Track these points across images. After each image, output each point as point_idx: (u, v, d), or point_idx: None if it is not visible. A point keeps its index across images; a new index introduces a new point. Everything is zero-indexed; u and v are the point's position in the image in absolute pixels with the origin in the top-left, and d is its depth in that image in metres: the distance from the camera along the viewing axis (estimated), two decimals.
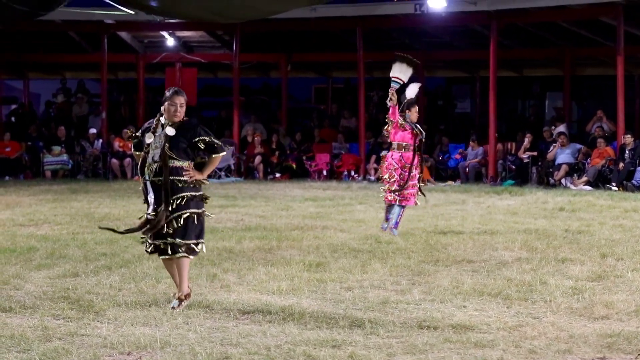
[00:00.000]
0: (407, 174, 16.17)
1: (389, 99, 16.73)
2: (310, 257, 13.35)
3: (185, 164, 10.28)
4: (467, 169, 28.27)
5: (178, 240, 10.17)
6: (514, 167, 27.77)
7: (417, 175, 16.51)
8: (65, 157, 30.27)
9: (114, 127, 32.15)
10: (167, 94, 10.71)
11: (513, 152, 28.41)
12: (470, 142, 29.10)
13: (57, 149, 30.39)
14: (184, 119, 10.55)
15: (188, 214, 10.22)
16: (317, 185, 27.10)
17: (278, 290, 11.14)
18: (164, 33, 32.21)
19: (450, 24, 29.57)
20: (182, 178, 10.22)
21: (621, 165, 25.20)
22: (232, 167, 30.40)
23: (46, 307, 10.21)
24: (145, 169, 10.51)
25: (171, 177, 10.19)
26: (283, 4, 24.82)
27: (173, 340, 8.68)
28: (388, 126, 16.86)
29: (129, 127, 31.65)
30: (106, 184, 27.60)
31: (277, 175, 29.85)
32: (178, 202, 10.18)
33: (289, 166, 30.26)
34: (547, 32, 30.33)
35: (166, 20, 29.66)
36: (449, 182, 27.86)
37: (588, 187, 25.12)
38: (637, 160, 25.10)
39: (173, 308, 9.95)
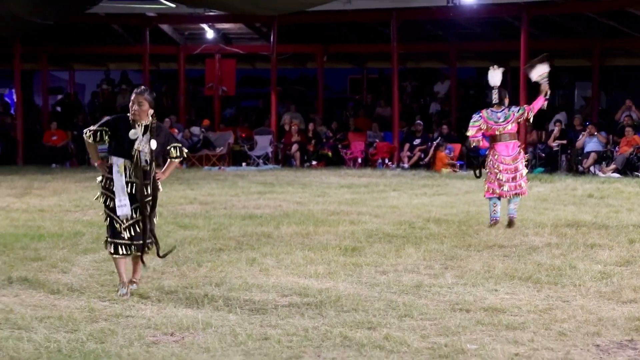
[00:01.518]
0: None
1: (546, 94, 15.68)
2: (346, 242, 13.37)
3: (153, 166, 10.14)
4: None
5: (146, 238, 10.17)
6: (543, 155, 27.68)
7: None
8: None
9: (156, 116, 32.20)
10: (132, 93, 10.41)
11: (542, 140, 28.31)
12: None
13: None
14: (153, 122, 10.27)
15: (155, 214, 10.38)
16: (352, 173, 27.08)
17: (315, 273, 11.16)
18: (204, 25, 32.24)
19: (481, 16, 29.48)
20: (147, 181, 10.08)
21: None
22: (270, 155, 30.43)
23: (93, 290, 10.27)
24: (120, 167, 10.22)
25: (147, 181, 10.08)
26: None
27: (214, 322, 8.72)
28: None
29: (170, 116, 31.78)
30: None
31: (314, 162, 29.83)
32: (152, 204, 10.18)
33: (325, 154, 30.24)
34: (575, 23, 30.20)
35: (206, 13, 29.68)
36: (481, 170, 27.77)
37: (616, 175, 25.02)
38: None
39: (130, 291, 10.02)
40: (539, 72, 15.82)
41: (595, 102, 31.78)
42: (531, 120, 16.15)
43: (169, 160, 10.38)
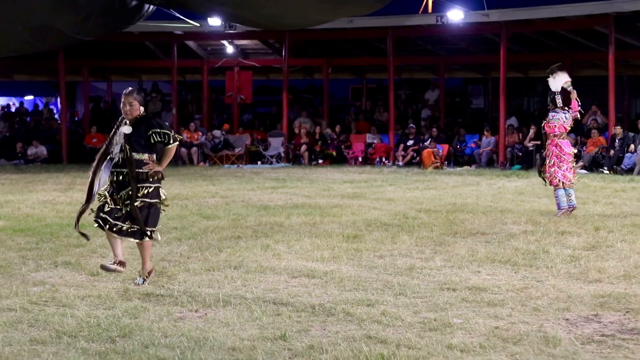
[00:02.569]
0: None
1: (576, 97, 16.15)
2: (348, 230, 13.36)
3: (145, 156, 9.76)
4: (481, 156, 28.21)
5: (140, 226, 9.69)
6: (520, 154, 27.66)
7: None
8: None
9: (183, 121, 32.26)
10: (122, 95, 10.12)
11: (519, 141, 28.29)
12: (484, 133, 29.04)
13: None
14: (141, 114, 9.93)
15: (146, 203, 9.74)
16: (353, 170, 27.09)
17: (321, 258, 11.16)
18: (225, 42, 32.27)
19: (466, 33, 29.48)
20: (142, 170, 9.69)
21: (612, 152, 25.16)
22: (282, 154, 30.46)
23: (127, 272, 10.27)
24: (105, 159, 9.96)
25: (132, 169, 9.67)
26: (328, 15, 24.84)
27: (233, 300, 8.72)
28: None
29: (195, 120, 31.81)
30: (176, 168, 27.69)
31: (320, 161, 29.85)
32: (143, 192, 9.71)
33: (330, 154, 30.26)
34: (549, 39, 30.21)
35: (227, 31, 29.69)
36: (466, 167, 27.79)
37: (584, 171, 25.01)
38: (625, 148, 25.02)
39: (137, 284, 9.52)
40: (564, 80, 16.06)
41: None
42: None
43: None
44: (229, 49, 32.93)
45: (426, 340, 7.26)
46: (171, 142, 9.92)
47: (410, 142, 29.25)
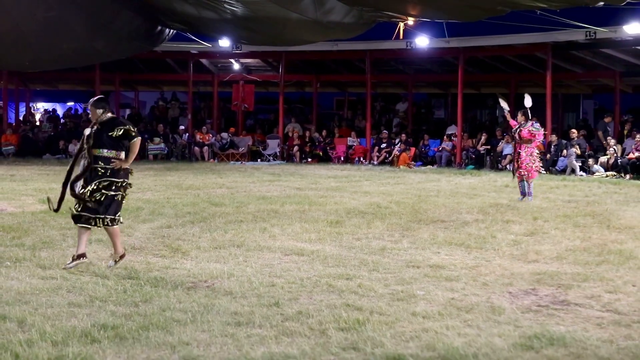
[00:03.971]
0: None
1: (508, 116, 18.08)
2: (331, 217, 13.35)
3: (112, 153, 9.16)
4: (442, 157, 28.21)
5: (103, 215, 9.14)
6: (474, 156, 27.66)
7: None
8: (162, 145, 30.34)
9: (196, 125, 32.19)
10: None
11: (473, 146, 28.29)
12: (444, 138, 29.07)
13: (157, 139, 30.45)
14: (107, 118, 9.29)
15: (109, 194, 9.14)
16: (336, 167, 27.08)
17: (309, 239, 11.16)
18: (232, 60, 32.21)
19: (430, 56, 29.45)
20: (107, 166, 9.11)
21: (548, 156, 25.21)
22: (278, 153, 30.41)
23: (149, 249, 10.27)
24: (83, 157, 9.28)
25: (97, 165, 9.12)
26: (317, 37, 24.89)
27: (236, 273, 8.72)
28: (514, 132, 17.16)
29: (207, 124, 31.75)
30: (190, 164, 27.66)
31: (309, 159, 29.80)
32: (103, 184, 9.09)
33: (317, 154, 30.21)
34: (498, 63, 30.24)
35: (234, 51, 29.67)
36: (429, 166, 27.79)
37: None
38: (559, 153, 25.07)
39: (110, 267, 9.00)
40: (504, 105, 18.37)
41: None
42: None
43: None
44: (236, 66, 32.87)
45: (394, 308, 7.28)
46: (132, 135, 9.22)
47: (383, 145, 29.22)
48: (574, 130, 26.86)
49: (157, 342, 6.13)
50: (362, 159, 29.38)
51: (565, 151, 24.92)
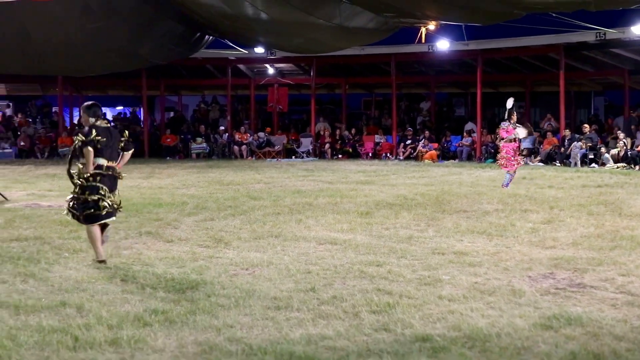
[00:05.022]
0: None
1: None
2: (361, 209, 13.34)
3: (82, 160, 8.90)
4: (462, 152, 28.09)
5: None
6: (492, 150, 27.49)
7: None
8: (204, 144, 30.43)
9: (235, 125, 32.26)
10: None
11: (492, 141, 28.14)
12: (465, 135, 28.92)
13: (199, 139, 30.56)
14: (89, 124, 8.85)
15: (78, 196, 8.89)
16: (365, 163, 27.05)
17: (341, 229, 11.16)
18: (267, 65, 32.23)
19: (451, 58, 29.34)
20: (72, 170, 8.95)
21: (562, 149, 25.05)
22: (310, 151, 30.41)
23: (194, 239, 10.31)
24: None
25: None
26: (344, 44, 24.94)
27: (274, 261, 8.74)
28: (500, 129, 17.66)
29: (245, 124, 31.82)
30: (230, 161, 27.74)
31: (340, 156, 29.77)
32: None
33: (347, 150, 30.17)
34: (514, 63, 30.09)
35: (268, 57, 29.72)
36: (451, 161, 27.68)
37: (541, 164, 24.93)
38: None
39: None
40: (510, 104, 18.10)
41: (528, 115, 31.72)
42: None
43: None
44: (270, 71, 32.88)
45: (422, 292, 7.26)
46: (80, 145, 8.73)
47: (408, 142, 29.13)
48: (586, 125, 26.72)
49: (203, 325, 6.16)
50: (388, 154, 29.31)
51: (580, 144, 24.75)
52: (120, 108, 43.50)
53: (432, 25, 24.06)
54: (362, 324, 6.17)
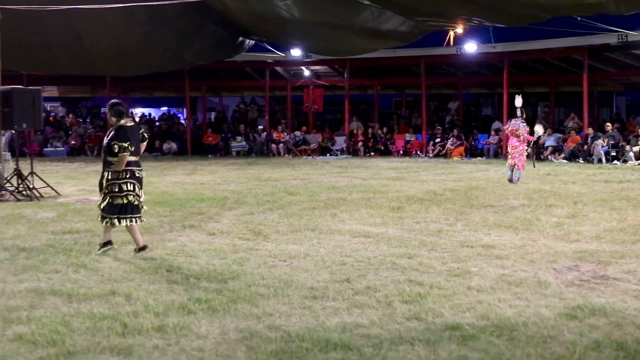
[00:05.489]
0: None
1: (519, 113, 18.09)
2: (393, 203, 13.32)
3: (114, 159, 8.90)
4: (489, 150, 27.91)
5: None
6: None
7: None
8: (244, 143, 30.50)
9: (273, 124, 32.29)
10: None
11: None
12: (492, 133, 28.74)
13: (239, 138, 30.63)
14: (117, 124, 8.92)
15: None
16: (396, 160, 26.98)
17: (374, 223, 11.15)
18: (303, 67, 32.25)
19: (478, 60, 29.18)
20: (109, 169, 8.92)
21: (585, 147, 24.82)
22: (344, 148, 30.39)
23: (234, 232, 10.35)
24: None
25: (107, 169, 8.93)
26: (376, 46, 24.92)
27: (311, 253, 8.75)
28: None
29: (282, 124, 31.88)
30: (268, 159, 27.80)
31: (372, 153, 29.71)
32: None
33: (379, 148, 30.10)
34: (539, 64, 29.84)
35: (304, 60, 29.75)
36: (478, 158, 27.51)
37: (565, 161, 24.72)
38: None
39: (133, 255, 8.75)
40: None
41: (552, 114, 31.50)
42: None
43: None
44: (306, 72, 32.89)
45: (452, 283, 7.24)
46: (116, 151, 8.73)
47: (437, 140, 29.01)
48: (608, 124, 26.44)
49: (244, 313, 6.19)
50: (418, 152, 29.20)
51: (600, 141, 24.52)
52: (164, 109, 43.79)
53: (460, 29, 23.98)
54: (395, 313, 6.17)
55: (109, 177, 8.85)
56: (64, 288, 7.08)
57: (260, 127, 32.36)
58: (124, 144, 8.73)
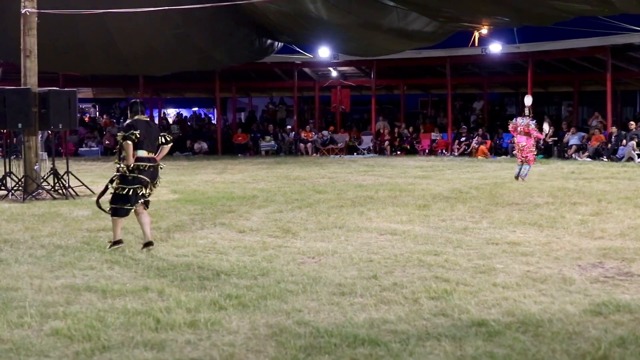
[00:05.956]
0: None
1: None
2: (419, 201, 13.27)
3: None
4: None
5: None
6: (542, 147, 27.11)
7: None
8: (272, 142, 30.54)
9: (301, 124, 32.30)
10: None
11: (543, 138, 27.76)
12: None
13: (268, 137, 30.68)
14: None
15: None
16: (422, 159, 26.89)
17: (400, 221, 11.11)
18: (330, 68, 32.23)
19: (503, 60, 29.03)
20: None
21: (609, 145, 24.61)
22: (371, 147, 30.34)
23: (264, 230, 10.36)
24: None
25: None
26: (404, 46, 24.92)
27: (339, 250, 8.75)
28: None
29: (310, 123, 31.88)
30: (297, 158, 27.82)
31: (398, 152, 29.65)
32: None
33: (405, 147, 30.02)
34: (563, 64, 29.61)
35: (332, 61, 29.74)
36: (503, 157, 27.35)
37: (589, 159, 24.50)
38: (619, 143, 24.44)
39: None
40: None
41: (576, 113, 31.26)
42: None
43: None
44: (334, 73, 32.86)
45: (477, 279, 7.20)
46: (121, 140, 8.91)
47: (462, 139, 28.89)
48: (632, 122, 26.15)
49: (274, 309, 6.19)
50: (444, 151, 29.09)
51: (624, 141, 24.27)
52: (195, 109, 43.97)
53: (484, 30, 23.85)
54: (422, 309, 6.14)
55: (118, 169, 8.99)
56: (99, 284, 7.13)
57: (289, 126, 32.41)
58: (125, 133, 8.85)
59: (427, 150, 29.43)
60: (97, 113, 40.81)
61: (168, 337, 5.49)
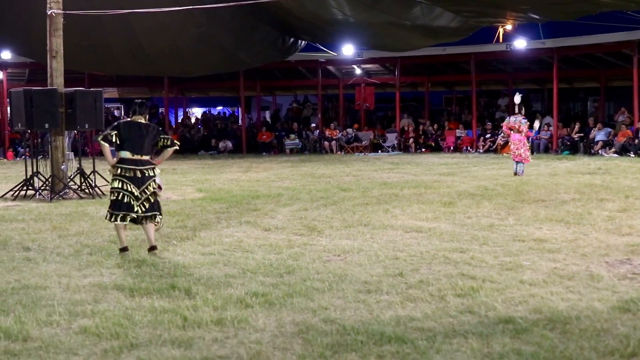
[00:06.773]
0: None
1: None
2: (445, 199, 13.23)
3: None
4: (540, 144, 27.59)
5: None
6: (568, 143, 26.94)
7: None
8: (297, 140, 30.59)
9: (325, 122, 32.32)
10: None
11: (568, 134, 27.55)
12: (544, 128, 28.38)
13: (292, 136, 30.74)
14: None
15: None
16: (447, 156, 26.81)
17: (426, 218, 11.08)
18: (354, 66, 32.20)
19: (528, 56, 28.86)
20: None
21: (636, 141, 24.39)
22: (395, 145, 30.30)
23: (289, 228, 10.38)
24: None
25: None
26: (429, 41, 24.88)
27: (364, 248, 8.74)
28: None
29: (334, 122, 31.87)
30: (321, 156, 27.84)
31: (423, 150, 29.59)
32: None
33: (430, 144, 29.97)
34: (588, 60, 29.39)
35: (356, 59, 29.74)
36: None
37: (615, 155, 24.31)
38: None
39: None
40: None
41: (602, 109, 31.01)
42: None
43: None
44: (358, 71, 32.82)
45: (504, 277, 7.17)
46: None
47: (487, 136, 28.79)
48: None
49: (300, 307, 6.20)
50: (469, 148, 29.01)
51: None
52: (220, 108, 44.11)
53: (509, 25, 23.75)
54: (448, 307, 6.13)
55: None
56: (126, 282, 7.17)
57: (313, 125, 32.43)
58: (104, 133, 8.77)
59: (452, 148, 29.38)
60: (123, 113, 41.03)
61: (195, 335, 5.51)
